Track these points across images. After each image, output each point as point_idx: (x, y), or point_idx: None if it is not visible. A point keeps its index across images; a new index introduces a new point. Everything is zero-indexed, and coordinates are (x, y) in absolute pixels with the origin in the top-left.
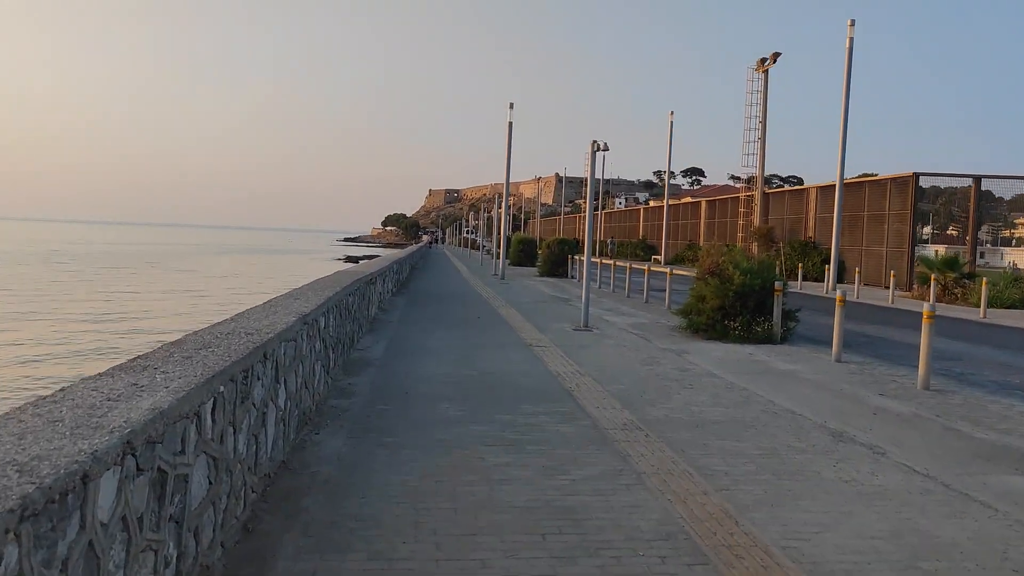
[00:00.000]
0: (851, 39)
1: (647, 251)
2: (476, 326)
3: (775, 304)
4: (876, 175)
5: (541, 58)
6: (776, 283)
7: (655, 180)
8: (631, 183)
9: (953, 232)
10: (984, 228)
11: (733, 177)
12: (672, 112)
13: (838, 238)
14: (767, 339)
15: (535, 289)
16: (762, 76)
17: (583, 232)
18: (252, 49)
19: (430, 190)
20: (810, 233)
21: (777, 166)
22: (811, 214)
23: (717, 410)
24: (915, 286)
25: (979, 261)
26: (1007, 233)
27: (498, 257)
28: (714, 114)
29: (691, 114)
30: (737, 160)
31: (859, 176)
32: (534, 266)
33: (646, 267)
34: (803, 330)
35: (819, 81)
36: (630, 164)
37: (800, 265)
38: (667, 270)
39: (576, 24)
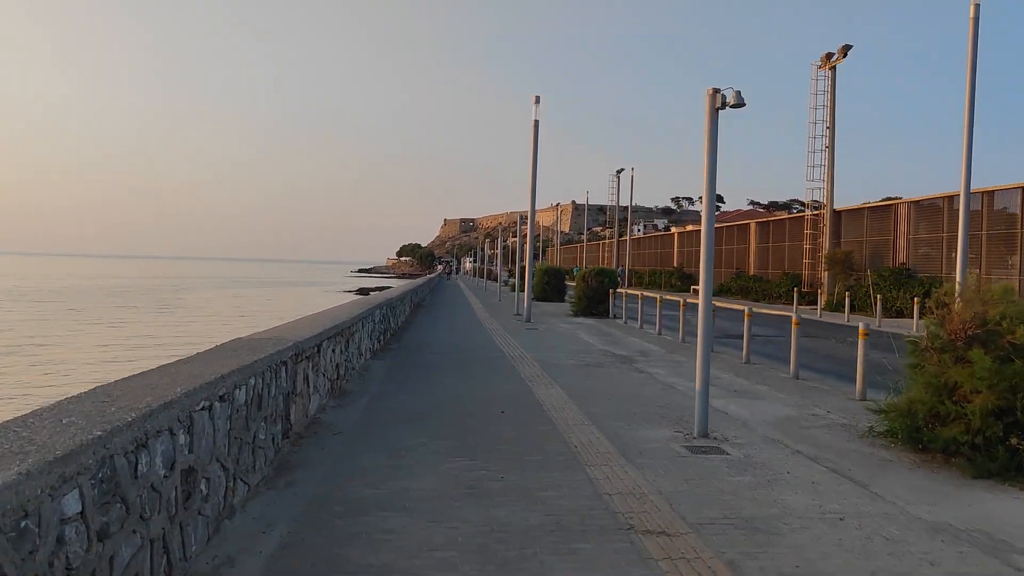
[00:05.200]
0: (976, 6)
1: (684, 280)
2: (498, 444)
3: None
4: (900, 198)
5: (555, 88)
6: None
7: (673, 207)
8: (649, 210)
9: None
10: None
11: (753, 203)
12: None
13: (964, 261)
14: None
15: (576, 339)
16: (828, 74)
17: (610, 262)
18: (266, 82)
19: (445, 219)
20: (901, 259)
21: (770, 191)
22: (902, 235)
23: None
24: None
25: None
26: None
27: (519, 290)
28: (730, 139)
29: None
30: (752, 184)
31: (886, 199)
32: (561, 300)
33: (746, 309)
34: None
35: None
36: (645, 191)
37: (891, 299)
38: (793, 317)
39: (588, 51)
